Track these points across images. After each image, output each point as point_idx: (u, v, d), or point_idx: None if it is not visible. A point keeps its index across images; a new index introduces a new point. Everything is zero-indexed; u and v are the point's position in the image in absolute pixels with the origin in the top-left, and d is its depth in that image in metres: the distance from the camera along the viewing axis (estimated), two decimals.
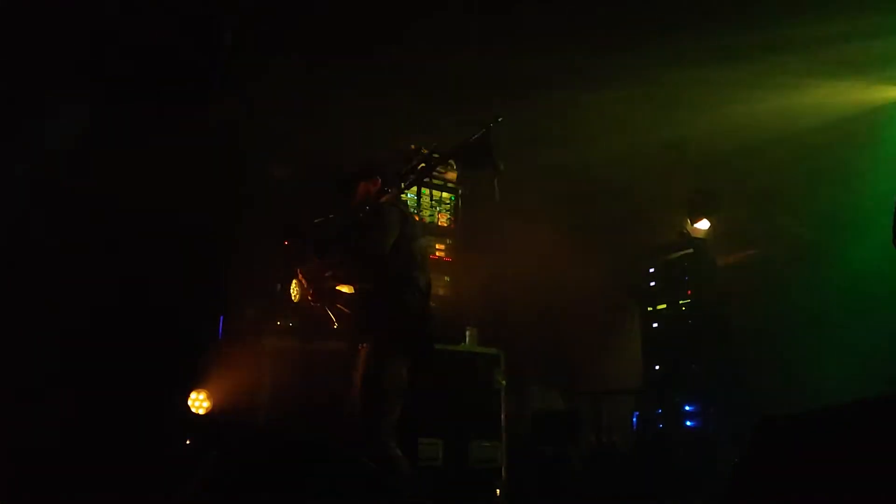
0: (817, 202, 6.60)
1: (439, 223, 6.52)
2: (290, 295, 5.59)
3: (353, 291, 4.37)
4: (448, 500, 5.49)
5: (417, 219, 4.98)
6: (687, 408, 7.11)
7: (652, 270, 7.72)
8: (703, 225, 7.51)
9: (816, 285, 6.54)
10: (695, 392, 7.07)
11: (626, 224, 7.15)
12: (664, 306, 7.47)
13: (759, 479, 2.24)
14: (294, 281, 5.59)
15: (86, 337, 5.82)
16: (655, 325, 7.53)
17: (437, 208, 6.55)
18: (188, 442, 5.50)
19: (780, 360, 6.53)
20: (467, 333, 6.25)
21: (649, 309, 7.59)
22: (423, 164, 4.19)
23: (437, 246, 6.37)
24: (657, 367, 7.40)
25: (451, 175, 6.45)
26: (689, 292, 7.27)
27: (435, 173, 6.17)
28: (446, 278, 6.37)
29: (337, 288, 4.36)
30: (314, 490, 2.49)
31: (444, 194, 6.59)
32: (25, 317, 5.62)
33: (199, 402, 5.58)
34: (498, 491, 5.76)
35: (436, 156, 4.21)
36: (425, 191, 6.43)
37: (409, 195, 5.33)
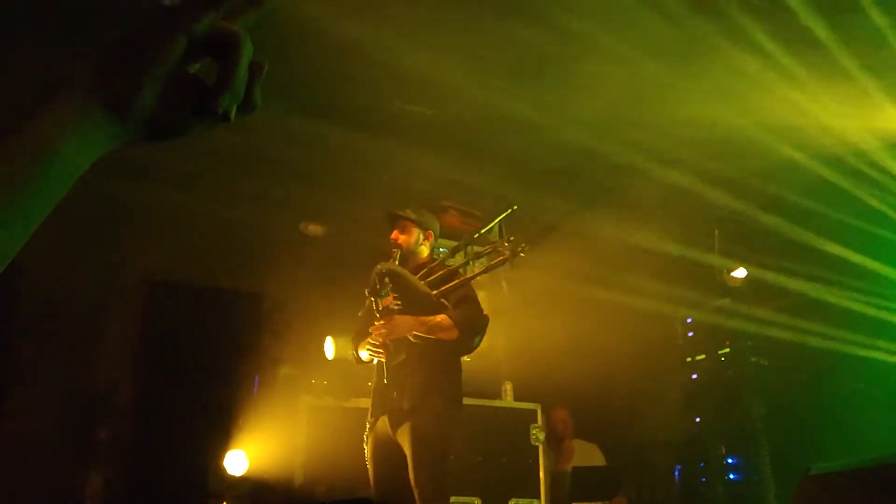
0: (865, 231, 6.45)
1: None
2: (325, 352, 5.61)
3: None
4: None
5: None
6: (730, 460, 6.97)
7: (689, 321, 7.65)
8: (741, 273, 7.43)
9: (862, 328, 6.42)
10: (738, 444, 6.94)
11: (661, 272, 7.09)
12: (703, 357, 7.38)
13: None
14: (329, 338, 5.62)
15: (122, 397, 5.88)
16: (694, 376, 7.43)
17: (470, 262, 6.55)
18: (225, 503, 5.49)
19: (825, 410, 6.39)
20: (503, 388, 6.20)
21: (688, 360, 7.50)
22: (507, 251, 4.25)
23: None
24: (697, 420, 7.28)
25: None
26: (728, 343, 7.18)
27: (466, 226, 6.22)
28: None
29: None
30: None
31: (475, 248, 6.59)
32: (63, 378, 5.68)
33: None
34: None
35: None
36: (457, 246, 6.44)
37: (441, 248, 5.31)
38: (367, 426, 4.28)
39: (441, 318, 4.12)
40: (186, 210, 6.15)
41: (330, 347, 5.59)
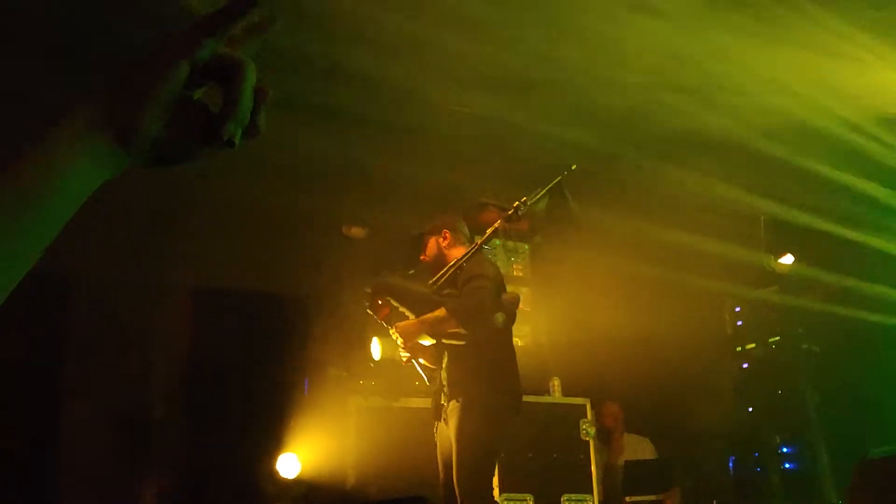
0: None
1: (514, 273, 6.50)
2: (372, 353, 5.64)
3: (433, 344, 4.34)
4: None
5: None
6: (784, 449, 6.87)
7: (738, 310, 7.56)
8: (788, 260, 7.31)
9: None
10: (792, 432, 6.85)
11: (707, 262, 7.00)
12: (753, 345, 7.28)
13: None
14: (376, 339, 5.65)
15: (175, 405, 5.96)
16: (745, 365, 7.34)
17: (512, 258, 6.54)
18: None
19: (880, 395, 6.27)
20: (551, 384, 6.17)
21: (738, 349, 7.41)
22: (510, 217, 4.11)
23: None
24: (750, 409, 7.19)
25: (524, 224, 6.43)
26: (779, 329, 7.08)
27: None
28: (526, 328, 6.34)
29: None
30: None
31: (518, 244, 6.58)
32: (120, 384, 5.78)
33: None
34: None
35: (523, 208, 4.11)
36: (498, 241, 6.44)
37: (485, 247, 5.29)
38: (434, 427, 4.27)
39: (438, 311, 4.05)
40: (230, 218, 6.22)
41: (377, 348, 5.62)
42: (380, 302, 4.26)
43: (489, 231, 4.15)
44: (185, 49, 0.75)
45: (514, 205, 4.11)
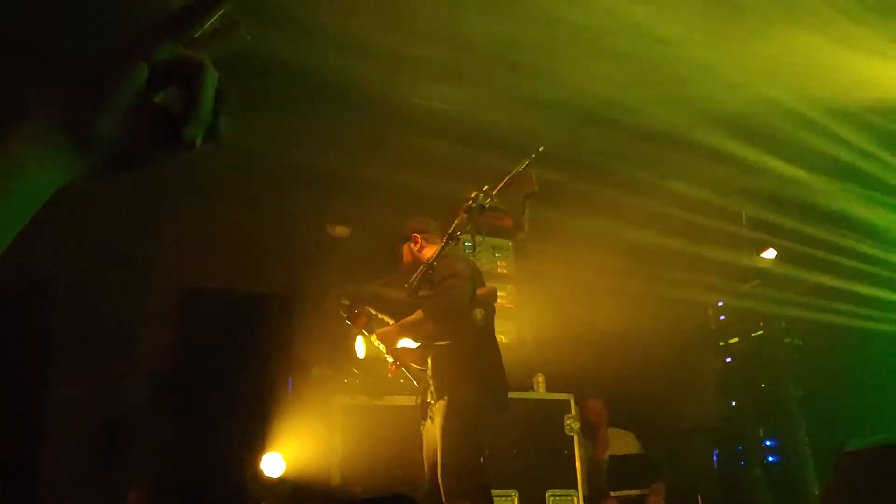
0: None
1: (498, 270, 6.51)
2: (356, 352, 5.63)
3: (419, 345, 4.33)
4: None
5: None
6: (768, 443, 6.91)
7: (720, 305, 7.59)
8: (770, 254, 7.34)
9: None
10: (775, 426, 6.89)
11: (689, 257, 7.03)
12: (736, 340, 7.31)
13: None
14: (360, 337, 5.64)
15: (158, 405, 5.94)
16: (728, 359, 7.37)
17: (496, 255, 6.55)
18: None
19: (862, 388, 6.31)
20: (535, 380, 6.19)
21: (721, 344, 7.44)
22: (469, 208, 4.04)
23: (499, 293, 6.34)
24: (733, 403, 7.22)
25: (508, 221, 6.44)
26: (761, 324, 7.11)
27: (491, 219, 6.17)
28: (510, 325, 6.35)
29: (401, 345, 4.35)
30: None
31: (502, 241, 6.59)
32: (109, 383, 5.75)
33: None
34: None
35: (483, 197, 4.04)
36: (481, 238, 6.43)
37: (466, 243, 5.28)
38: (421, 425, 4.27)
39: (416, 314, 4.07)
40: (214, 218, 6.20)
41: (361, 346, 5.61)
42: (356, 311, 4.29)
43: (451, 227, 4.07)
44: (142, 49, 0.73)
45: (472, 195, 4.01)
